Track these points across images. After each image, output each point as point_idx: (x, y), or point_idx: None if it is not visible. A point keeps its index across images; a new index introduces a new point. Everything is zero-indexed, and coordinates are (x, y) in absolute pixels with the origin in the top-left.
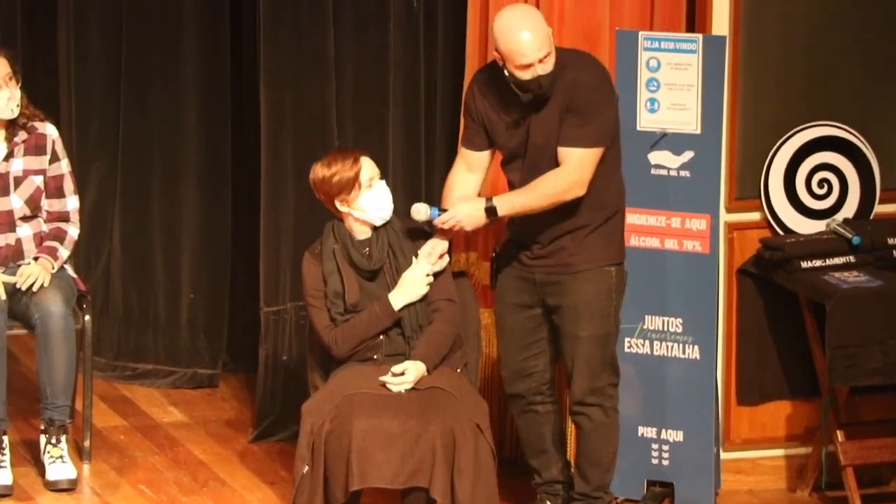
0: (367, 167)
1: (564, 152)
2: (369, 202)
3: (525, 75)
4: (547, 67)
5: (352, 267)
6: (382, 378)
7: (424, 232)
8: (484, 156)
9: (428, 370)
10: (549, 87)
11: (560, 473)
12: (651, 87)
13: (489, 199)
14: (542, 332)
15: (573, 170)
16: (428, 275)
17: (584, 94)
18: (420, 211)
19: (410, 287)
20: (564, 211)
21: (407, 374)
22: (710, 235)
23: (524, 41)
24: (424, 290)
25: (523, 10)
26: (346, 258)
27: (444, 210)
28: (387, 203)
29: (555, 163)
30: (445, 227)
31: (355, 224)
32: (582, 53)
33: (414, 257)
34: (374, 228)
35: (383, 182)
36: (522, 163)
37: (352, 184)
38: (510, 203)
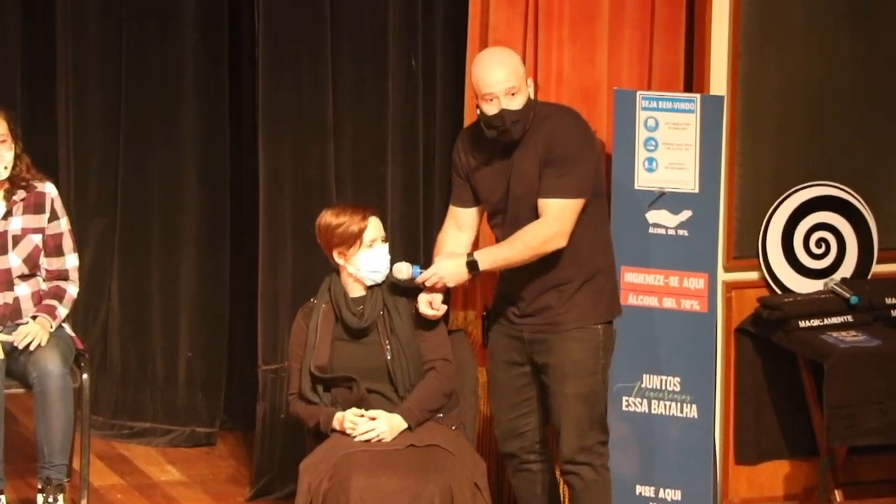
0: (374, 227)
1: (544, 203)
2: (365, 262)
3: (490, 109)
4: (513, 104)
5: (340, 325)
6: (347, 423)
7: (418, 289)
8: (472, 213)
9: (410, 426)
10: (515, 127)
11: None
12: (649, 146)
13: (470, 254)
14: (531, 391)
15: (553, 221)
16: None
17: (562, 145)
18: (402, 270)
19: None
20: (547, 266)
21: (377, 424)
22: (709, 294)
23: (489, 70)
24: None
25: (499, 47)
26: (334, 317)
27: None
28: (382, 267)
29: (535, 215)
30: (428, 284)
31: (349, 280)
32: (564, 108)
33: (404, 317)
34: (368, 287)
35: (385, 246)
36: (504, 217)
37: (354, 239)
38: (491, 257)
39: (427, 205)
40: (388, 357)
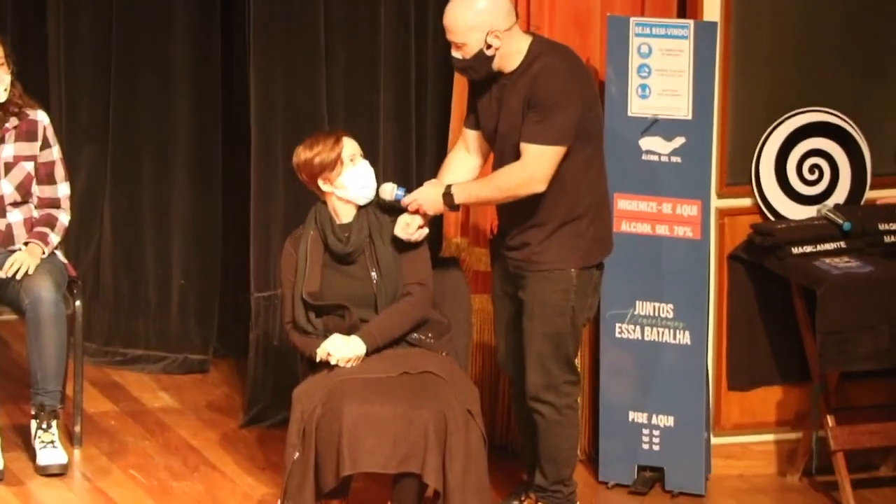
0: (349, 146)
1: (523, 147)
2: (351, 180)
3: (452, 50)
4: (457, 54)
5: (327, 252)
6: (319, 353)
7: (401, 213)
8: (477, 136)
9: (367, 349)
10: (468, 73)
11: None
12: (642, 72)
13: (449, 186)
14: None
15: (528, 165)
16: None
17: (545, 89)
18: (386, 190)
19: (347, 346)
20: (529, 204)
21: (329, 345)
22: (702, 221)
23: (444, 17)
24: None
25: None
26: (321, 244)
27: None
28: (369, 181)
29: (517, 154)
30: (410, 209)
31: (339, 204)
32: (557, 46)
33: (386, 242)
34: (358, 210)
35: (366, 162)
36: (494, 149)
37: (334, 163)
38: (467, 192)
39: (419, 131)
40: (374, 284)
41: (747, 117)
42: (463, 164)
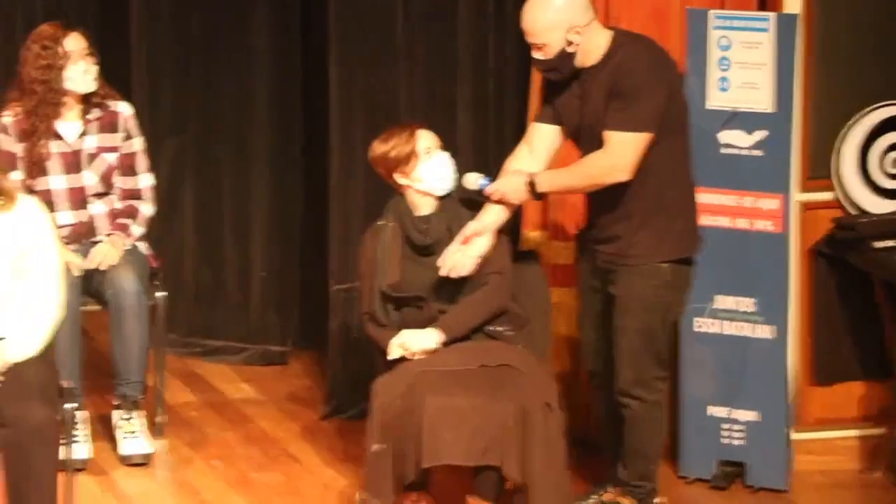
0: (425, 138)
1: (607, 135)
2: (428, 171)
3: (533, 52)
4: (537, 55)
5: (407, 244)
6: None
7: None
8: (550, 131)
9: (444, 339)
10: (550, 74)
11: None
12: (722, 65)
13: (533, 174)
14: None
15: (612, 153)
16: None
17: (628, 78)
18: (470, 180)
19: (419, 335)
20: (617, 196)
21: (403, 338)
22: (783, 215)
23: (521, 19)
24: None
25: None
26: (401, 236)
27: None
28: (446, 173)
29: (602, 145)
30: (493, 198)
31: (417, 196)
32: (639, 37)
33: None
34: (438, 201)
35: (444, 153)
36: (579, 143)
37: (409, 156)
38: (550, 180)
39: (498, 123)
40: (454, 279)
41: (829, 110)
42: (524, 164)
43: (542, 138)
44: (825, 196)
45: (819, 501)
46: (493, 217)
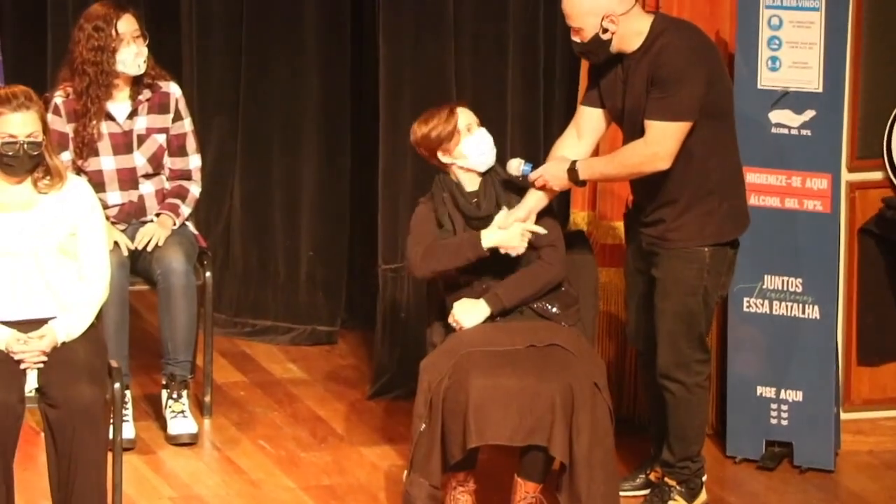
0: (464, 116)
1: (647, 124)
2: (471, 148)
3: (571, 34)
4: (576, 38)
5: (461, 215)
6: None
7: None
8: (597, 115)
9: (492, 312)
10: (588, 57)
11: None
12: (773, 45)
13: (574, 161)
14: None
15: (652, 142)
16: (523, 231)
17: (666, 66)
18: (513, 166)
19: (505, 232)
20: (660, 182)
21: (455, 309)
22: (832, 195)
23: (562, 3)
24: (517, 240)
25: None
26: (455, 207)
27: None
28: (488, 148)
29: (643, 132)
30: (537, 184)
31: (462, 174)
32: (679, 23)
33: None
34: (482, 177)
35: (483, 129)
36: (622, 127)
37: (451, 134)
38: (590, 168)
39: (547, 105)
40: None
41: (879, 90)
42: (572, 148)
43: (589, 121)
44: (874, 176)
45: (867, 481)
46: (534, 201)
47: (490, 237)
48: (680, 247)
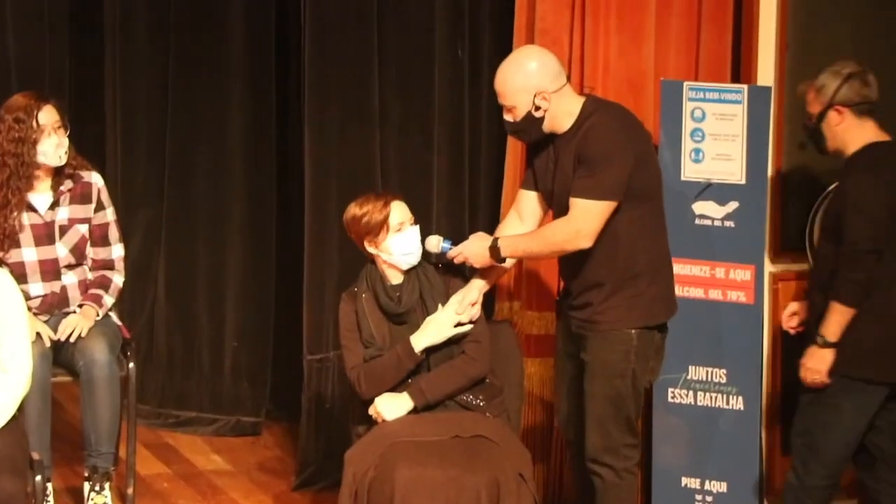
0: (398, 211)
1: (571, 202)
2: (396, 246)
3: (504, 114)
4: (507, 116)
5: (381, 311)
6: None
7: (460, 273)
8: (533, 197)
9: (415, 406)
10: (519, 136)
11: None
12: (696, 137)
13: (496, 238)
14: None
15: (575, 220)
16: (457, 324)
17: (594, 146)
18: (432, 243)
19: (434, 329)
20: (587, 264)
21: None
22: (755, 286)
23: (495, 80)
24: (449, 333)
25: (514, 55)
26: (375, 303)
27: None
28: (413, 249)
29: None
30: (456, 261)
31: (385, 267)
32: (609, 105)
33: (441, 305)
34: (406, 273)
35: (415, 228)
36: (552, 208)
37: (380, 226)
38: (513, 245)
39: (472, 194)
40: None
41: (801, 182)
42: (515, 231)
43: (527, 204)
44: (798, 267)
45: None
46: (481, 284)
47: (420, 341)
48: (607, 329)
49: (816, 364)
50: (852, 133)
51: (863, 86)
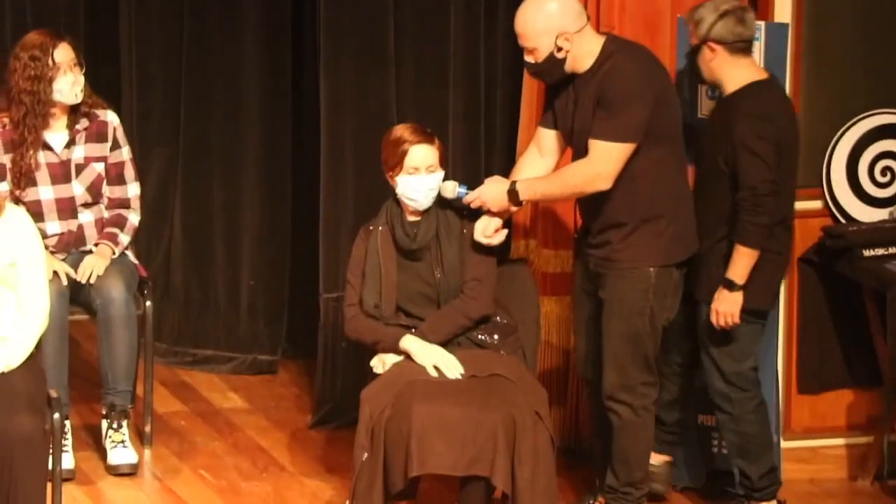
0: (418, 154)
1: (591, 144)
2: (404, 186)
3: (525, 55)
4: (529, 58)
5: (395, 245)
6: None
7: (473, 211)
8: (552, 136)
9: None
10: (540, 77)
11: None
12: None
13: (514, 182)
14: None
15: (594, 162)
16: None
17: (613, 87)
18: (448, 189)
19: (427, 350)
20: (607, 204)
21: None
22: None
23: (515, 23)
24: (432, 362)
25: None
26: (390, 237)
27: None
28: (421, 195)
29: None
30: (473, 206)
31: (401, 201)
32: (629, 45)
33: (455, 245)
34: (425, 212)
35: (432, 177)
36: (570, 147)
37: (397, 161)
38: (532, 188)
39: (489, 132)
40: (437, 282)
41: (818, 119)
42: (535, 165)
43: (547, 141)
44: (814, 205)
45: None
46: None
47: (410, 344)
48: (626, 267)
49: (730, 307)
50: (726, 70)
51: (737, 23)
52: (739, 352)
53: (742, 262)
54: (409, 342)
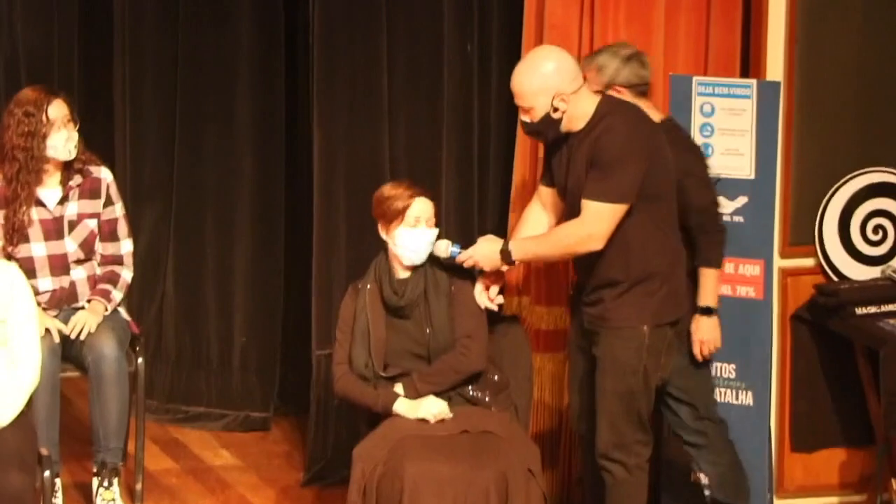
0: (419, 207)
1: (584, 203)
2: (403, 238)
3: (520, 114)
4: (525, 117)
5: (383, 304)
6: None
7: (468, 274)
8: (550, 193)
9: (407, 395)
10: (536, 137)
11: None
12: (705, 132)
13: (506, 242)
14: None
15: (587, 222)
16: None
17: (607, 148)
18: (441, 248)
19: (414, 407)
20: (600, 264)
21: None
22: (764, 281)
23: (511, 81)
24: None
25: (531, 55)
26: (378, 296)
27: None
28: (419, 248)
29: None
30: (466, 265)
31: (393, 258)
32: (623, 106)
33: (443, 302)
34: (414, 269)
35: (431, 231)
36: (564, 205)
37: (397, 214)
38: (524, 248)
39: (482, 190)
40: (427, 343)
41: (810, 177)
42: (538, 219)
43: (549, 198)
44: (807, 262)
45: None
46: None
47: (404, 407)
48: (619, 326)
49: (712, 333)
50: None
51: (641, 67)
52: (707, 382)
53: (711, 286)
54: (401, 405)
